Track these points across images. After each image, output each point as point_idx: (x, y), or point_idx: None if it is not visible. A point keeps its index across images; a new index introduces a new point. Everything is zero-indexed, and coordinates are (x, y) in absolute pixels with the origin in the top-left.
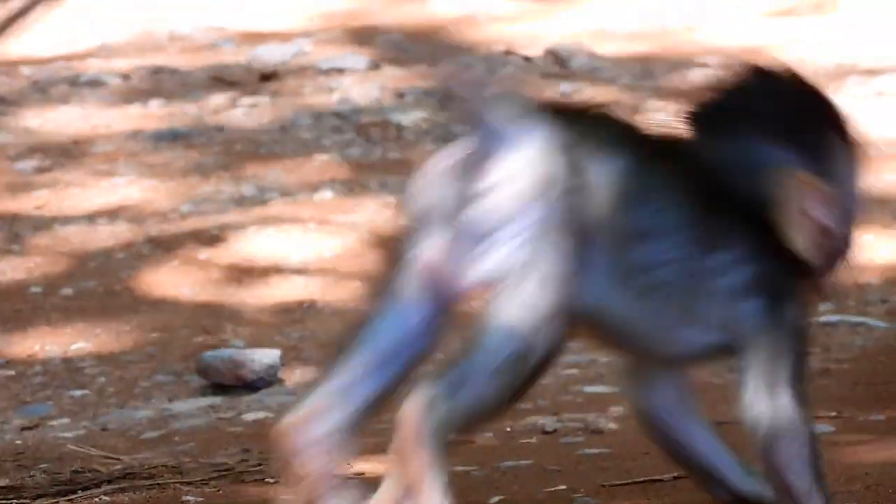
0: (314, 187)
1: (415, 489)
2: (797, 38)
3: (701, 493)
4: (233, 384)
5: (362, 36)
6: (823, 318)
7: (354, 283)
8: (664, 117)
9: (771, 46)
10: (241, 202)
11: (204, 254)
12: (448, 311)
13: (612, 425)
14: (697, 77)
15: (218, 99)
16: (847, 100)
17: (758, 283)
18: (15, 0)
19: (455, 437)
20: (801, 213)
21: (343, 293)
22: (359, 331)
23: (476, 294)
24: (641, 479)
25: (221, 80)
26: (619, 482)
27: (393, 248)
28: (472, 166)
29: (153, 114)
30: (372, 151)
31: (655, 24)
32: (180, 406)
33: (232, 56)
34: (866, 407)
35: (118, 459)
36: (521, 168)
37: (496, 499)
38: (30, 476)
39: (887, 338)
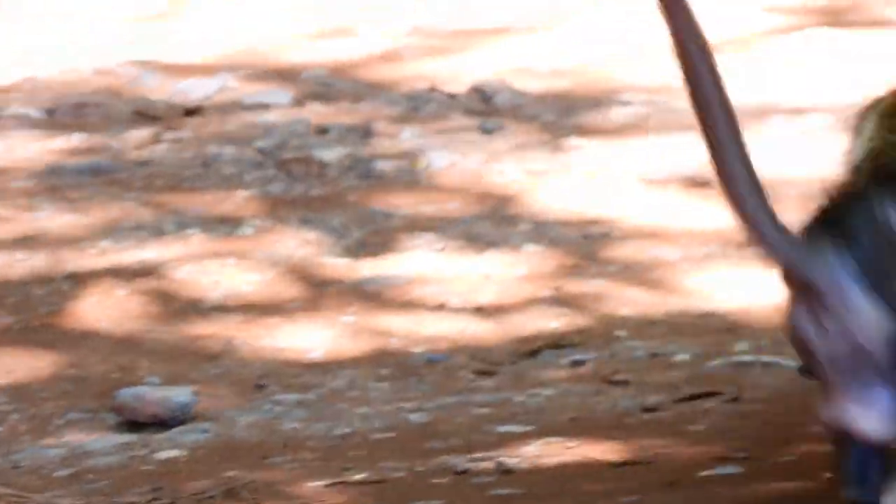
0: (235, 223)
1: None
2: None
3: None
4: (147, 422)
5: (286, 72)
6: (737, 358)
7: (272, 320)
8: None
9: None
10: (161, 237)
11: (123, 289)
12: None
13: (524, 465)
14: (619, 115)
15: (141, 133)
16: (771, 138)
17: None
18: None
19: None
20: None
21: (260, 330)
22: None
23: None
24: None
25: (144, 114)
26: None
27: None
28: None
29: (75, 148)
30: (294, 187)
31: (578, 61)
32: (94, 444)
33: (155, 91)
34: (776, 447)
35: (29, 497)
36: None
37: None
38: None
39: (800, 378)
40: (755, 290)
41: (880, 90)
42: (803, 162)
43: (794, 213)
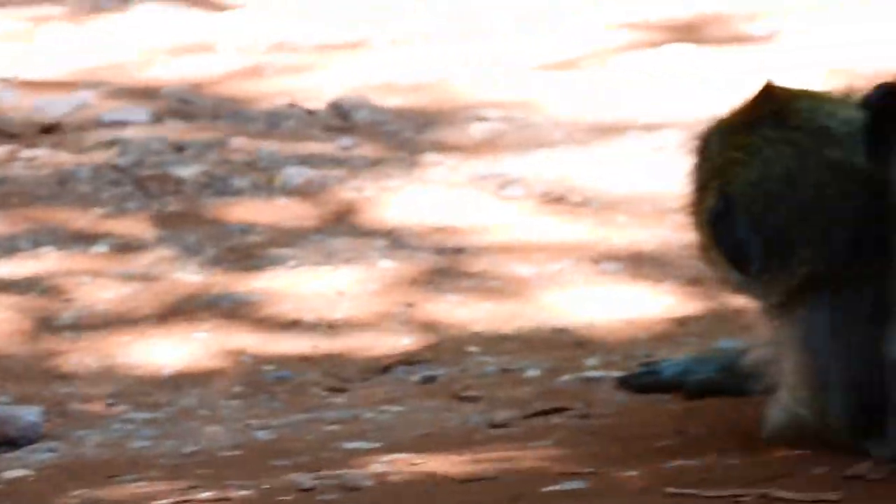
0: (90, 240)
1: None
2: (576, 92)
3: None
4: None
5: (146, 89)
6: (587, 374)
7: (126, 338)
8: None
9: (549, 99)
10: (14, 254)
11: None
12: None
13: (370, 482)
14: (477, 130)
15: None
16: (627, 154)
17: None
18: None
19: None
20: None
21: (113, 348)
22: None
23: None
24: None
25: (1, 131)
26: None
27: None
28: None
29: None
30: (150, 204)
31: (438, 76)
32: None
33: (13, 107)
34: (623, 463)
35: None
36: None
37: None
38: None
39: (649, 395)
40: (607, 306)
41: (733, 106)
42: (658, 177)
43: (648, 229)
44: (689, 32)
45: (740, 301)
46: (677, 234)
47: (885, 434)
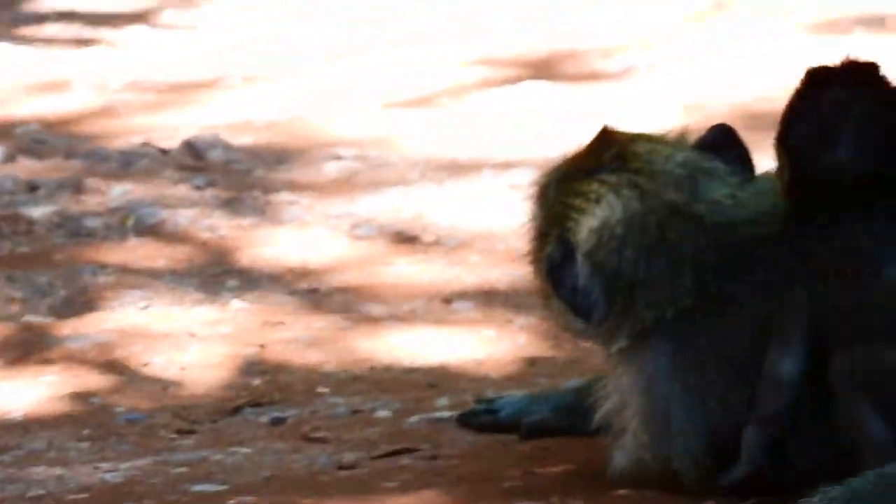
0: None
1: None
2: (430, 130)
3: None
4: None
5: None
6: (437, 414)
7: None
8: None
9: (404, 137)
10: None
11: None
12: None
13: None
14: (331, 169)
15: None
16: (482, 192)
17: None
18: None
19: None
20: None
21: None
22: None
23: None
24: None
25: None
26: None
27: None
28: None
29: None
30: (1, 245)
31: (291, 115)
32: None
33: None
34: (468, 502)
35: None
36: None
37: None
38: None
39: (496, 435)
40: (458, 346)
41: (569, 152)
42: (512, 215)
43: (501, 267)
44: (545, 69)
45: (587, 344)
46: (530, 273)
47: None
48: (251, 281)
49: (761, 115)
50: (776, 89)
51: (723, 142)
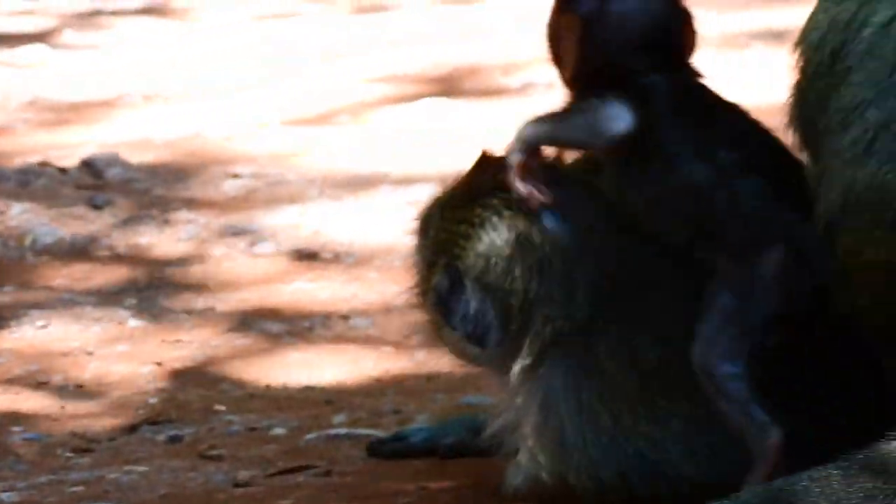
0: None
1: None
2: (329, 147)
3: None
4: None
5: None
6: (333, 431)
7: None
8: None
9: (302, 154)
10: None
11: None
12: None
13: None
14: (230, 187)
15: None
16: (380, 208)
17: None
18: None
19: None
20: None
21: None
22: None
23: None
24: None
25: None
26: None
27: None
28: None
29: None
30: None
31: (190, 133)
32: None
33: None
34: None
35: None
36: None
37: None
38: None
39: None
40: (355, 363)
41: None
42: (410, 232)
43: (399, 284)
44: (446, 86)
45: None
46: (419, 306)
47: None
48: (148, 299)
49: None
50: None
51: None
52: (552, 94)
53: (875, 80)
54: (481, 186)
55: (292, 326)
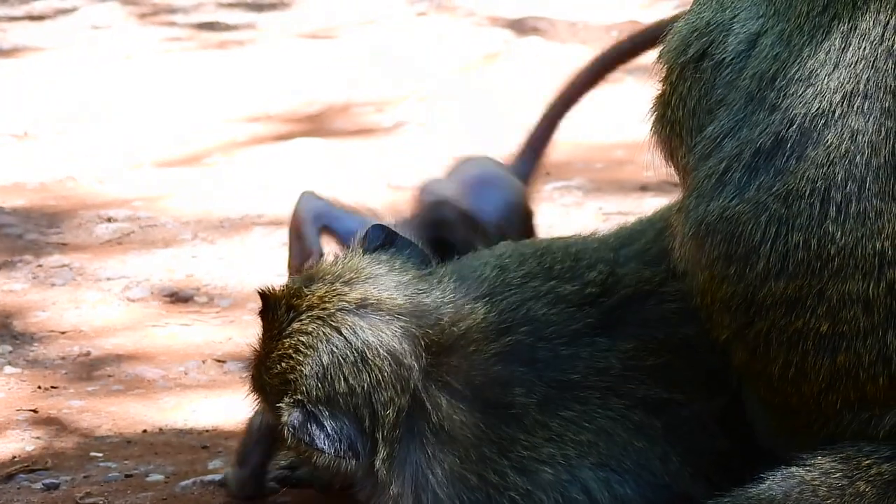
0: None
1: None
2: (201, 189)
3: None
4: None
5: None
6: (209, 477)
7: None
8: None
9: (174, 197)
10: None
11: None
12: None
13: None
14: (105, 231)
15: None
16: (253, 251)
17: None
18: None
19: None
20: None
21: None
22: None
23: None
24: None
25: None
26: None
27: None
28: None
29: None
30: None
31: (63, 175)
32: None
33: None
34: None
35: None
36: None
37: None
38: None
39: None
40: (231, 407)
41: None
42: (283, 273)
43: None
44: (318, 124)
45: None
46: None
47: None
48: (24, 346)
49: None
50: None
51: (384, 238)
52: (424, 130)
53: (733, 111)
54: (278, 322)
55: (167, 371)
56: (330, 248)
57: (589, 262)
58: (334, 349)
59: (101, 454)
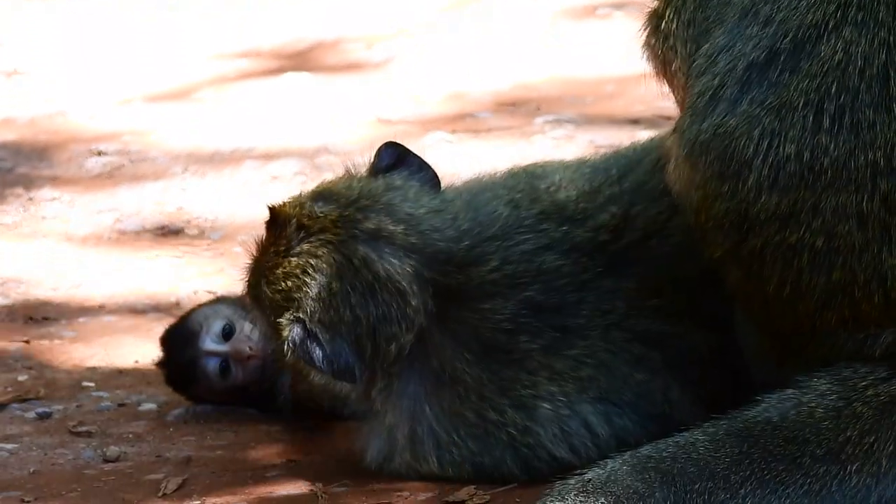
0: None
1: None
2: (191, 123)
3: None
4: None
5: None
6: (201, 407)
7: None
8: None
9: (165, 131)
10: None
11: None
12: None
13: None
14: (95, 165)
15: None
16: (243, 183)
17: None
18: None
19: None
20: None
21: None
22: None
23: None
24: None
25: None
26: None
27: None
28: None
29: None
30: None
31: (53, 111)
32: None
33: None
34: (230, 492)
35: None
36: None
37: None
38: None
39: (260, 425)
40: None
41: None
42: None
43: None
44: (307, 60)
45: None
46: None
47: None
48: (11, 280)
49: (523, 101)
50: (534, 75)
51: (396, 159)
52: (413, 66)
53: (727, 27)
54: (286, 239)
55: (158, 302)
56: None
57: (601, 202)
58: (344, 277)
59: (93, 384)
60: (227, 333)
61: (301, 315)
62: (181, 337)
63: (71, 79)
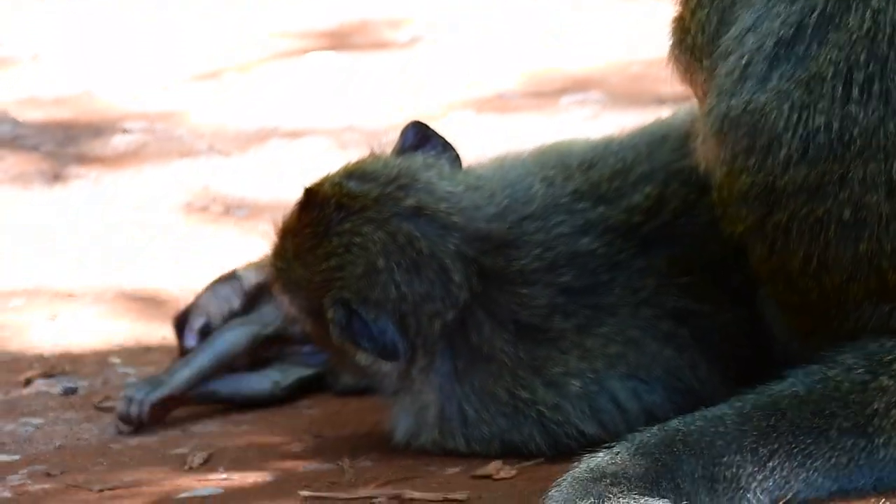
0: None
1: None
2: (218, 102)
3: None
4: None
5: None
6: None
7: None
8: None
9: (192, 110)
10: None
11: None
12: None
13: (8, 494)
14: (120, 143)
15: None
16: (269, 162)
17: None
18: None
19: None
20: None
21: None
22: None
23: None
24: None
25: None
26: None
27: None
28: None
29: None
30: None
31: (80, 90)
32: None
33: None
34: (257, 466)
35: None
36: None
37: None
38: None
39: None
40: None
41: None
42: (299, 184)
43: None
44: (333, 40)
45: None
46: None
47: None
48: (41, 251)
49: (549, 81)
50: (561, 56)
51: (420, 139)
52: (439, 47)
53: (754, 8)
54: (326, 219)
55: (184, 278)
56: None
57: (633, 181)
58: (388, 255)
59: (119, 360)
60: (205, 333)
61: (346, 294)
62: (179, 324)
63: (96, 60)
